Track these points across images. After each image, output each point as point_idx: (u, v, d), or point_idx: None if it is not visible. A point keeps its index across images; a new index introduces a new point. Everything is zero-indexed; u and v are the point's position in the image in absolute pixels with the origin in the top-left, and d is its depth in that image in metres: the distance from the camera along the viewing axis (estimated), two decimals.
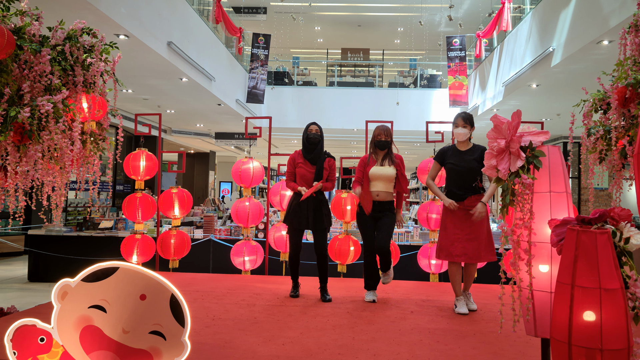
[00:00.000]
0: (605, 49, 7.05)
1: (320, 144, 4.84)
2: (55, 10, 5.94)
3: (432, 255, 5.77)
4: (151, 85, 10.37)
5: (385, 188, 4.62)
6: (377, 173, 4.61)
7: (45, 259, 7.74)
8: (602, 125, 3.65)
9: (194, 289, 5.08)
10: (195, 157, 20.77)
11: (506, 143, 2.50)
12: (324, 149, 4.88)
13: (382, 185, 4.61)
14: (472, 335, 3.62)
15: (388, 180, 4.61)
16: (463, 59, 13.70)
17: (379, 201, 4.61)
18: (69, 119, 3.46)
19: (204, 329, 3.67)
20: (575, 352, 2.03)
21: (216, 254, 7.28)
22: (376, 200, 4.61)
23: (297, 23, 14.74)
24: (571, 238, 2.12)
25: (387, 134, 4.68)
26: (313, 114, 14.44)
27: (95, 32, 3.76)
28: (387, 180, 4.61)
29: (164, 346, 2.10)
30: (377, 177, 4.60)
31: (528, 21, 9.73)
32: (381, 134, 4.67)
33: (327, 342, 3.41)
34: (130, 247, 5.83)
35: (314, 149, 4.80)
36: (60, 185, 3.70)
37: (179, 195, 5.99)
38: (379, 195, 4.60)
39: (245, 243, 5.98)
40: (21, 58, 3.34)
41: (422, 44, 17.49)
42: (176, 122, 15.41)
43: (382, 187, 4.61)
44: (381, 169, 4.62)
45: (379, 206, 4.62)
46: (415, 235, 7.33)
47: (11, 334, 2.14)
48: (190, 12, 9.97)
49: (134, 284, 2.09)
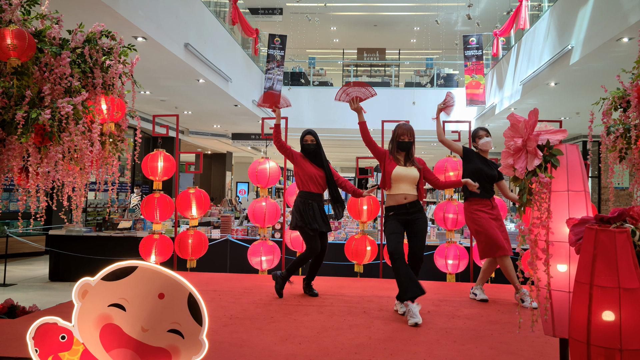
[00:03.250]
0: (625, 46, 6.95)
1: (317, 151, 4.89)
2: (75, 14, 6.03)
3: (449, 255, 5.74)
4: (168, 86, 10.47)
5: (411, 190, 4.33)
6: (402, 174, 4.32)
7: (65, 259, 7.85)
8: (622, 124, 3.60)
9: (211, 288, 5.12)
10: (212, 157, 20.90)
11: (523, 142, 2.48)
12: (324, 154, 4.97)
13: (407, 187, 4.32)
14: (490, 335, 3.59)
15: (413, 182, 4.34)
16: (480, 58, 13.60)
17: (410, 202, 4.31)
18: (88, 121, 3.51)
19: (221, 328, 3.70)
20: (594, 352, 2.01)
21: (233, 254, 7.33)
22: (405, 203, 4.30)
23: (313, 23, 14.76)
24: (590, 237, 2.10)
25: (410, 134, 4.41)
26: (329, 114, 14.44)
27: (113, 34, 3.82)
28: (412, 182, 4.33)
29: (182, 344, 2.12)
30: (403, 179, 4.32)
31: (546, 19, 9.62)
32: (405, 135, 4.39)
33: (343, 342, 3.41)
34: (148, 247, 5.89)
35: (314, 156, 4.89)
36: (80, 186, 3.76)
37: (197, 196, 6.03)
38: (407, 198, 4.31)
39: (262, 243, 6.00)
40: (42, 61, 3.40)
41: (438, 43, 17.39)
42: (193, 123, 15.52)
43: (408, 189, 4.32)
44: (406, 169, 4.33)
45: (412, 207, 4.31)
46: (432, 236, 7.29)
47: (33, 332, 2.18)
48: (207, 13, 10.04)
49: (152, 283, 2.12)
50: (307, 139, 4.89)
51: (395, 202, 4.32)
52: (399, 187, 4.32)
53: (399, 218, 4.29)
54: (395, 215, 4.31)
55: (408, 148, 4.40)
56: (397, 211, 4.31)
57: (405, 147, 4.39)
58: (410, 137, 4.39)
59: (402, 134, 4.40)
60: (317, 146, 4.89)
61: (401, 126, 4.43)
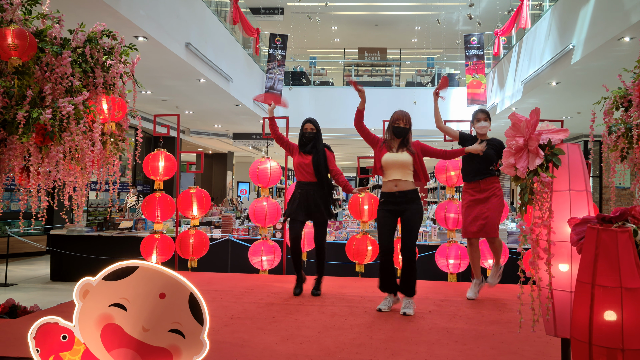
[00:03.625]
0: (626, 45, 6.94)
1: (314, 139, 4.85)
2: (76, 13, 6.03)
3: (451, 255, 5.74)
4: (170, 86, 10.47)
5: (402, 176, 4.20)
6: (390, 160, 4.23)
7: (67, 259, 7.86)
8: (624, 123, 3.60)
9: (212, 288, 5.12)
10: (213, 157, 20.91)
11: (524, 141, 2.47)
12: (321, 142, 4.89)
13: (398, 173, 4.20)
14: (491, 335, 3.59)
15: (404, 167, 4.21)
16: (481, 57, 13.58)
17: (400, 191, 4.19)
18: (89, 120, 3.51)
19: (222, 327, 3.70)
20: (596, 352, 2.00)
21: (234, 254, 7.33)
22: (396, 191, 4.20)
23: (314, 23, 14.75)
24: (591, 237, 2.09)
25: (406, 120, 4.29)
26: (330, 114, 14.43)
27: (114, 34, 3.81)
28: (404, 167, 4.21)
29: (183, 344, 2.12)
30: (391, 165, 4.22)
31: (547, 18, 9.61)
32: (400, 120, 4.28)
33: (344, 341, 3.41)
34: (149, 247, 5.89)
35: (307, 144, 4.84)
36: (81, 186, 3.76)
37: (197, 196, 6.03)
38: (397, 185, 4.20)
39: (263, 243, 6.00)
40: (43, 60, 3.40)
41: (439, 42, 17.37)
42: (194, 122, 15.53)
43: (400, 175, 4.20)
44: (395, 155, 4.24)
45: (402, 197, 4.20)
46: (434, 235, 7.29)
47: (34, 332, 2.18)
48: (208, 13, 10.04)
49: (153, 283, 2.12)
50: (306, 127, 4.88)
51: (387, 189, 4.29)
52: (389, 174, 4.27)
53: (388, 207, 4.26)
54: (385, 203, 4.29)
55: (404, 134, 4.32)
56: (386, 199, 4.27)
57: (400, 132, 4.31)
58: (405, 122, 4.31)
59: (397, 118, 4.33)
60: (316, 134, 4.86)
61: (397, 112, 4.37)
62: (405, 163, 4.23)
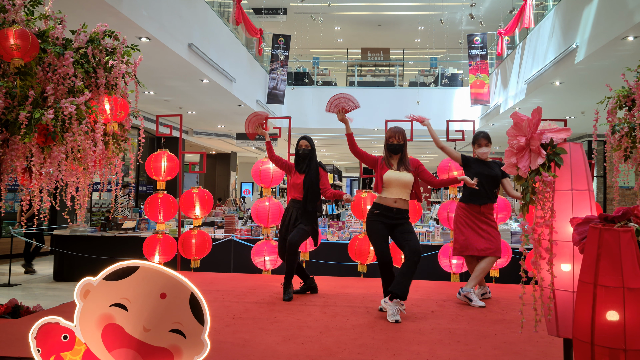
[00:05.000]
0: (630, 45, 6.91)
1: (309, 157, 4.86)
2: (78, 14, 6.04)
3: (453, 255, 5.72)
4: (172, 86, 10.48)
5: (402, 195, 4.24)
6: (393, 178, 4.23)
7: (70, 259, 7.88)
8: (627, 123, 3.58)
9: (214, 288, 5.12)
10: (216, 158, 20.93)
11: (526, 140, 2.46)
12: (315, 161, 4.88)
13: (399, 192, 4.23)
14: (494, 336, 3.58)
15: (406, 187, 4.24)
16: (484, 57, 13.57)
17: (398, 209, 4.22)
18: (91, 121, 3.51)
19: (224, 327, 3.70)
20: (598, 352, 1.99)
21: (237, 254, 7.33)
22: (394, 208, 4.22)
23: (317, 23, 14.76)
24: (594, 236, 2.08)
25: (400, 137, 4.31)
26: (333, 114, 14.40)
27: (117, 34, 3.81)
28: (404, 187, 4.23)
29: (184, 344, 2.12)
30: (394, 183, 4.23)
31: (551, 18, 9.59)
32: (393, 137, 4.31)
33: (346, 342, 3.40)
34: (152, 247, 5.90)
35: (302, 161, 4.86)
36: (83, 186, 3.76)
37: (200, 196, 6.03)
38: (397, 202, 4.22)
39: (266, 243, 6.00)
40: (45, 61, 3.41)
41: (442, 42, 17.36)
42: (197, 123, 15.54)
43: (400, 193, 4.23)
44: (398, 174, 4.24)
45: (398, 214, 4.23)
46: (436, 235, 7.28)
47: (35, 332, 2.18)
48: (211, 13, 10.05)
49: (154, 283, 2.12)
50: (301, 144, 4.91)
51: (384, 202, 4.26)
52: (391, 191, 4.25)
53: (383, 220, 4.23)
54: (379, 215, 4.25)
55: (399, 150, 4.31)
56: (382, 212, 4.24)
57: (396, 149, 4.31)
58: (399, 139, 4.31)
59: (390, 136, 4.34)
60: (310, 151, 4.87)
61: (391, 129, 4.37)
62: (407, 183, 4.25)
